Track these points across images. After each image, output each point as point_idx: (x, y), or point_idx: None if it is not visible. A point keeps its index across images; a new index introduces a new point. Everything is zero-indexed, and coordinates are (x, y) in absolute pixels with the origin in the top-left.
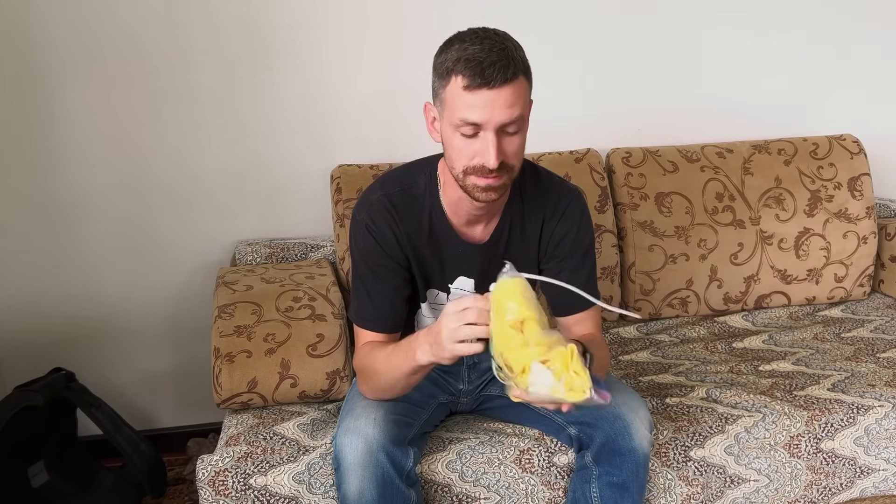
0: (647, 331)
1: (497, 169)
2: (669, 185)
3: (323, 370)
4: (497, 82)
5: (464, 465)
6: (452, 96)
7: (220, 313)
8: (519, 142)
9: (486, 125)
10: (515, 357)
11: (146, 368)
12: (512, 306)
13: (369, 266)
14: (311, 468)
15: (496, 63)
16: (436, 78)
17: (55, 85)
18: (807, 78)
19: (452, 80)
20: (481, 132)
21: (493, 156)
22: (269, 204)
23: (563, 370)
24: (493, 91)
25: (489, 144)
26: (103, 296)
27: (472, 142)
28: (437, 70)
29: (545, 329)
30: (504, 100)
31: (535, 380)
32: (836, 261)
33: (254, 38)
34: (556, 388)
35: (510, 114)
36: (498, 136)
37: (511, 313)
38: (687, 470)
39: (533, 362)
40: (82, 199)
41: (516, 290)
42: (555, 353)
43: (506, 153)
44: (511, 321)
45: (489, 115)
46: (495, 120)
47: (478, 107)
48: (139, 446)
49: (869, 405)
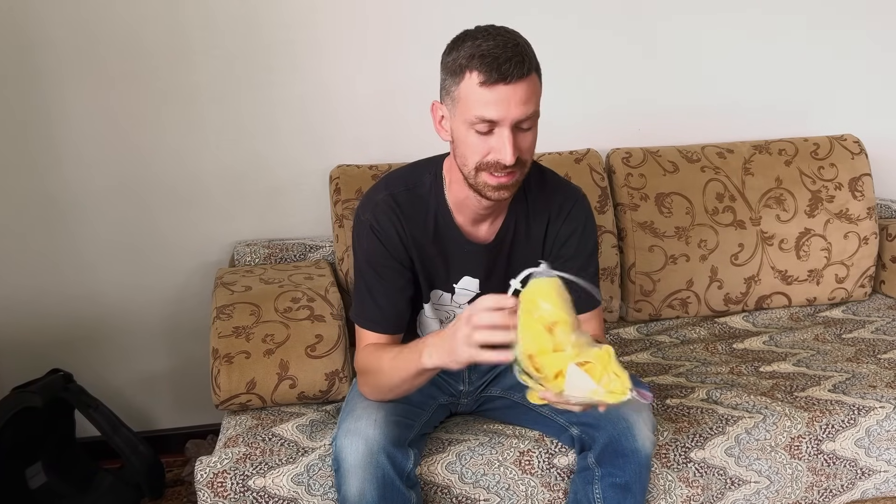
0: (648, 332)
1: (512, 165)
2: (670, 186)
3: (322, 371)
4: (514, 77)
5: (463, 467)
6: (467, 93)
7: (219, 314)
8: (532, 138)
9: (503, 121)
10: (549, 360)
11: (144, 369)
12: (546, 307)
13: (373, 267)
14: (310, 469)
15: (512, 58)
16: (446, 76)
17: (53, 84)
18: (808, 78)
19: (467, 76)
20: (496, 129)
21: (509, 152)
22: (267, 204)
23: (602, 372)
24: (509, 87)
25: (505, 141)
26: (101, 296)
27: (486, 139)
28: (447, 68)
29: (576, 331)
30: (520, 95)
31: (573, 382)
32: (837, 261)
33: (253, 38)
34: (595, 391)
35: (525, 110)
36: (513, 132)
37: (545, 314)
38: (687, 471)
39: (570, 365)
40: (80, 200)
41: (551, 290)
42: (593, 354)
43: (521, 149)
44: (545, 323)
45: (506, 111)
46: (512, 116)
47: (494, 103)
48: (137, 447)
49: (870, 406)
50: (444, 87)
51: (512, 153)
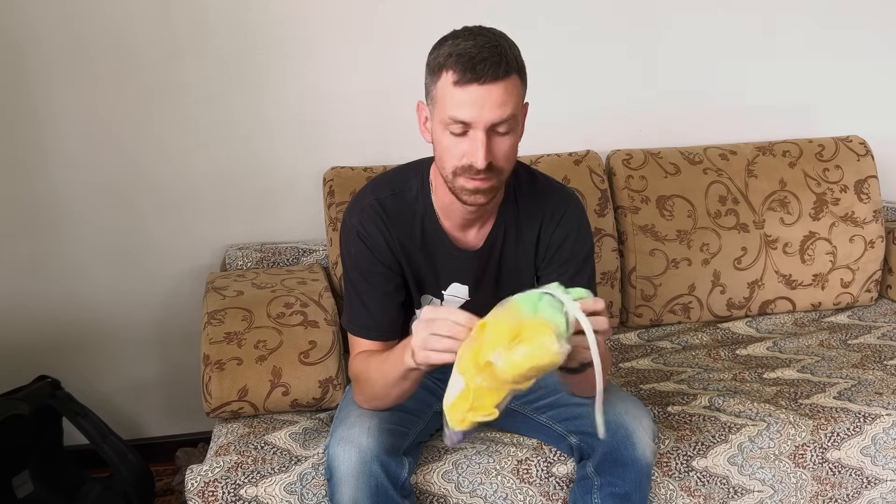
0: (649, 337)
1: (485, 170)
2: (671, 188)
3: (315, 378)
4: (488, 78)
5: (460, 476)
6: (443, 93)
7: (210, 319)
8: (510, 143)
9: (476, 124)
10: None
11: (134, 376)
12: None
13: (362, 272)
14: (303, 478)
15: (487, 59)
16: (427, 75)
17: (39, 84)
18: (812, 77)
19: (443, 75)
20: (470, 131)
21: (481, 156)
22: (259, 207)
23: (532, 337)
24: (483, 87)
25: (478, 144)
26: (90, 301)
27: (460, 141)
28: (429, 66)
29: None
30: (495, 97)
31: (513, 359)
32: (843, 265)
33: (244, 36)
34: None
35: (500, 113)
36: (488, 135)
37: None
38: (689, 480)
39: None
40: (68, 202)
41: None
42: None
43: (495, 154)
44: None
45: (478, 113)
46: (485, 119)
47: (467, 104)
48: (126, 456)
49: (876, 414)
50: (426, 86)
51: (483, 157)
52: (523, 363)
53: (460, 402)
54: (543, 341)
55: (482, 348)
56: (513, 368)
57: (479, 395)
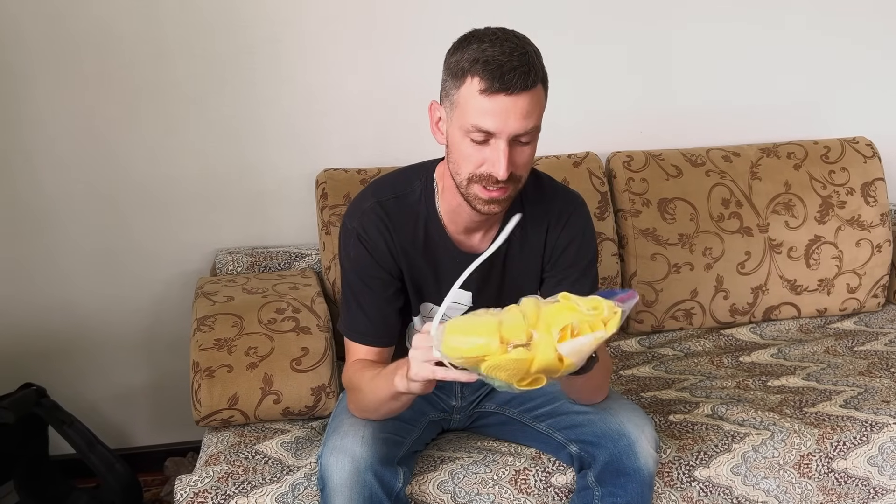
0: (650, 344)
1: (505, 180)
2: (673, 191)
3: (307, 385)
4: (516, 89)
5: (456, 486)
6: (466, 99)
7: (200, 326)
8: (530, 153)
9: (500, 134)
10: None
11: (121, 384)
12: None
13: (361, 277)
14: (295, 489)
15: (517, 68)
16: (448, 77)
17: (24, 83)
18: (817, 77)
19: (468, 81)
20: (493, 140)
21: (503, 166)
22: (250, 210)
23: (584, 320)
24: (510, 98)
25: (500, 154)
26: (76, 307)
27: (481, 149)
28: (450, 69)
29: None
30: (521, 109)
31: (570, 348)
32: (849, 270)
33: (235, 35)
34: (591, 340)
35: (525, 124)
36: (510, 145)
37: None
38: (691, 490)
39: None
40: (54, 205)
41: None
42: (559, 319)
43: (516, 164)
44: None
45: (503, 123)
46: (509, 129)
47: (492, 113)
48: (114, 466)
49: (883, 422)
50: (445, 88)
51: (506, 168)
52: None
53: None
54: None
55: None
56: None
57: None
